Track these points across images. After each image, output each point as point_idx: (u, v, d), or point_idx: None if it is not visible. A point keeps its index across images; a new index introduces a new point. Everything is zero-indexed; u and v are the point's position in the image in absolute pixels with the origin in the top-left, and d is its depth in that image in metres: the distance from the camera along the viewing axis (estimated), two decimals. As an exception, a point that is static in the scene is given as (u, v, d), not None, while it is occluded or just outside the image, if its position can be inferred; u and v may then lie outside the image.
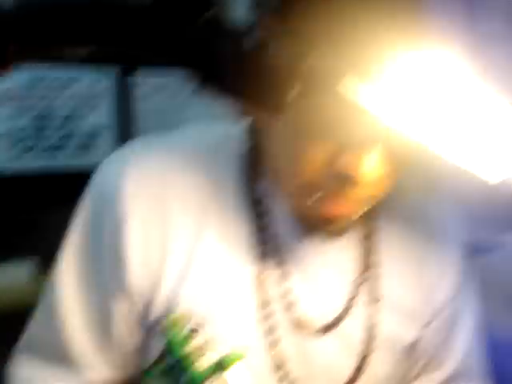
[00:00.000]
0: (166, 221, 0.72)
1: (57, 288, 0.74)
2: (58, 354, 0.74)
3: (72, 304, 0.73)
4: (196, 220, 0.72)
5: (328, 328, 0.74)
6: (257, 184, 0.74)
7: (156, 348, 0.59)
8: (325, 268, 0.75)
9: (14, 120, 2.01)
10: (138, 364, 0.73)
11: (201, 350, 0.54)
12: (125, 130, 2.13)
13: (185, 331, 0.55)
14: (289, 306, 0.74)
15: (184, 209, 0.72)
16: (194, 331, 0.54)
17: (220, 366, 0.52)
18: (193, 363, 0.52)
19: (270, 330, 0.72)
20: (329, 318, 0.74)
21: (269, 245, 0.74)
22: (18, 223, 1.90)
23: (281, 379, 0.72)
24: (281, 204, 0.74)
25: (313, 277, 0.75)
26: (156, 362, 0.55)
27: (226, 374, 0.52)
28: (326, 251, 0.76)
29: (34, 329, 0.77)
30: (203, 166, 0.75)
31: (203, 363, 0.53)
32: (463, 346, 0.83)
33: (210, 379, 0.53)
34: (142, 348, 0.73)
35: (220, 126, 0.80)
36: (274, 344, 0.72)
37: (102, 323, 0.73)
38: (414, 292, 0.79)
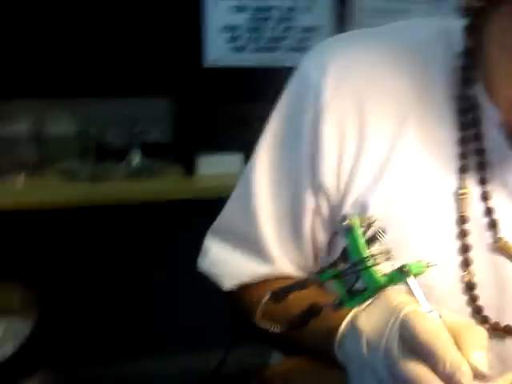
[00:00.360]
0: (365, 119, 0.68)
1: (250, 179, 0.75)
2: (248, 243, 0.76)
3: (264, 197, 0.74)
4: (396, 121, 0.68)
5: None
6: (468, 90, 0.67)
7: (338, 250, 0.58)
8: None
9: (232, 15, 2.05)
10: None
11: (384, 255, 0.51)
12: (340, 30, 2.08)
13: (369, 233, 0.52)
14: (489, 227, 0.68)
15: (384, 107, 0.68)
16: (379, 234, 0.51)
17: (403, 274, 0.49)
18: (373, 266, 0.50)
19: (465, 249, 0.67)
20: None
21: (473, 159, 0.68)
22: (228, 116, 2.00)
23: (468, 303, 0.68)
24: (491, 117, 0.66)
25: None
26: (333, 264, 0.53)
27: (410, 284, 0.49)
28: None
29: (227, 216, 0.80)
30: (412, 64, 0.69)
31: (385, 268, 0.51)
32: None
33: (391, 285, 0.51)
34: (327, 250, 0.73)
35: (437, 20, 0.72)
36: (466, 263, 0.67)
37: (292, 218, 0.73)
38: None
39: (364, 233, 0.53)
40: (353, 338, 0.52)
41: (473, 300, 0.67)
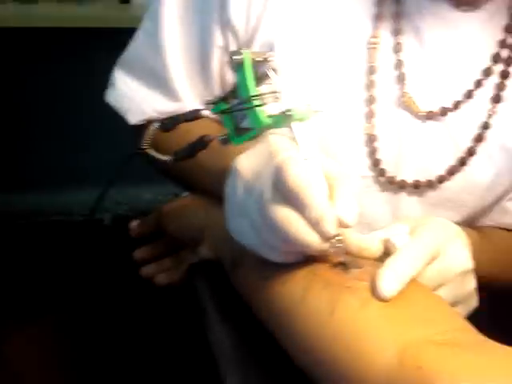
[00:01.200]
0: None
1: (158, 12, 0.71)
2: (156, 78, 0.74)
3: (172, 31, 0.71)
4: None
5: (434, 115, 0.67)
6: None
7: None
8: (451, 46, 0.65)
9: None
10: None
11: (273, 96, 0.49)
12: None
13: (263, 71, 0.50)
14: (396, 80, 0.67)
15: None
16: (269, 73, 0.49)
17: (287, 117, 0.47)
18: (259, 106, 0.49)
19: (370, 100, 0.67)
20: (438, 104, 0.67)
21: (388, 7, 0.65)
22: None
23: (368, 155, 0.68)
24: None
25: (433, 53, 0.66)
26: (224, 98, 0.52)
27: (293, 129, 0.48)
28: (458, 25, 0.65)
29: (135, 49, 0.76)
30: None
31: (271, 110, 0.49)
32: None
33: (276, 128, 0.50)
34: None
35: None
36: (369, 115, 0.67)
37: (200, 53, 0.71)
38: None
39: (256, 71, 0.51)
40: (232, 179, 0.52)
41: (372, 152, 0.68)
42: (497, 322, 0.72)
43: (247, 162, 0.51)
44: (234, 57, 0.49)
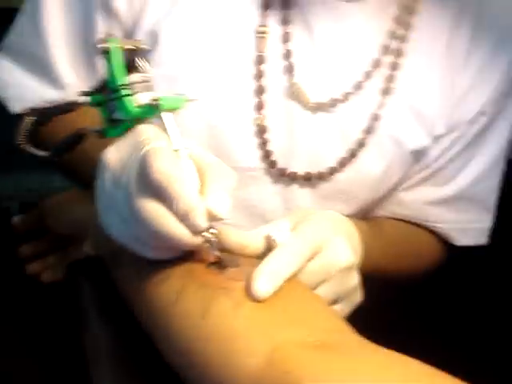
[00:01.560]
0: None
1: None
2: (39, 65, 0.69)
3: (53, 17, 0.67)
4: None
5: (324, 106, 0.66)
6: None
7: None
8: (340, 36, 0.64)
9: None
10: None
11: (143, 85, 0.47)
12: None
13: (137, 63, 0.47)
14: (285, 70, 0.65)
15: None
16: (139, 62, 0.46)
17: (155, 107, 0.45)
18: (128, 96, 0.46)
19: (259, 91, 0.65)
20: (328, 96, 0.66)
21: None
22: None
23: (258, 146, 0.67)
24: None
25: (323, 44, 0.64)
26: (98, 89, 0.48)
27: (164, 118, 0.46)
28: (347, 16, 0.64)
29: (17, 33, 0.71)
30: None
31: (141, 99, 0.46)
32: (479, 170, 0.74)
33: (147, 118, 0.47)
34: None
35: None
36: (259, 106, 0.65)
37: (84, 40, 0.67)
38: (437, 96, 0.67)
39: (132, 59, 0.48)
40: (101, 172, 0.49)
41: (263, 144, 0.66)
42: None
43: (115, 152, 0.48)
44: (100, 45, 0.46)
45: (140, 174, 0.44)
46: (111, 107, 0.48)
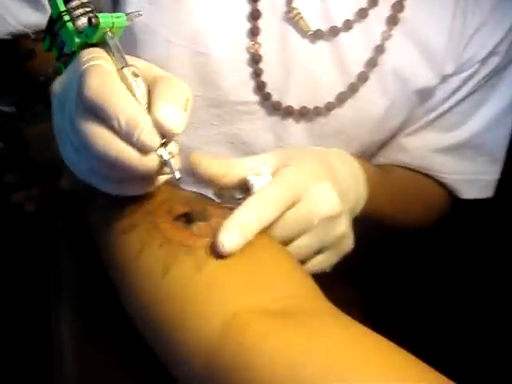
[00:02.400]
0: None
1: None
2: None
3: None
4: None
5: (323, 34, 0.60)
6: None
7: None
8: None
9: None
10: None
11: (84, 9, 0.42)
12: None
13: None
14: None
15: None
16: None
17: (94, 27, 0.40)
18: (69, 22, 0.42)
19: (255, 15, 0.59)
20: (329, 23, 0.60)
21: None
22: None
23: (252, 77, 0.61)
24: None
25: None
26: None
27: (107, 39, 0.41)
28: None
29: None
30: None
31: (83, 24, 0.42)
32: (489, 117, 0.67)
33: (91, 42, 0.42)
34: None
35: None
36: (253, 32, 0.60)
37: None
38: (447, 32, 0.61)
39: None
40: (51, 103, 0.45)
41: (257, 74, 0.61)
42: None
43: (60, 80, 0.43)
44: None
45: (78, 94, 0.39)
46: (59, 43, 0.44)
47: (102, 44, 0.42)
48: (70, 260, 0.55)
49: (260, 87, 0.61)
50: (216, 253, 0.41)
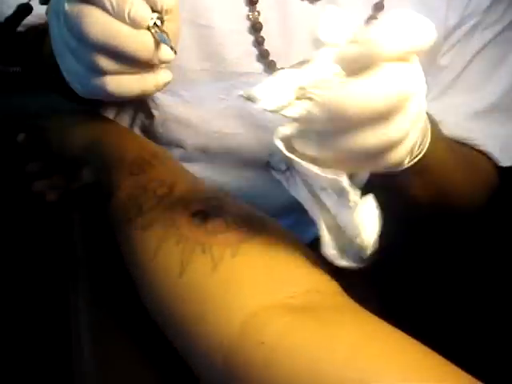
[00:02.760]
0: None
1: None
2: None
3: None
4: None
5: None
6: None
7: None
8: None
9: None
10: None
11: None
12: None
13: None
14: None
15: None
16: None
17: None
18: None
19: None
20: None
21: None
22: None
23: (254, 45, 0.61)
24: None
25: None
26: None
27: None
28: None
29: None
30: None
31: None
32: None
33: None
34: None
35: None
36: (251, 1, 0.59)
37: None
38: None
39: None
40: (49, 20, 0.46)
41: (259, 42, 0.61)
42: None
43: None
44: None
45: None
46: None
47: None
48: (86, 250, 0.56)
49: (263, 55, 0.61)
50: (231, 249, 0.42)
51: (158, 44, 0.44)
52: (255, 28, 0.59)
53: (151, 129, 0.66)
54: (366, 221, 0.39)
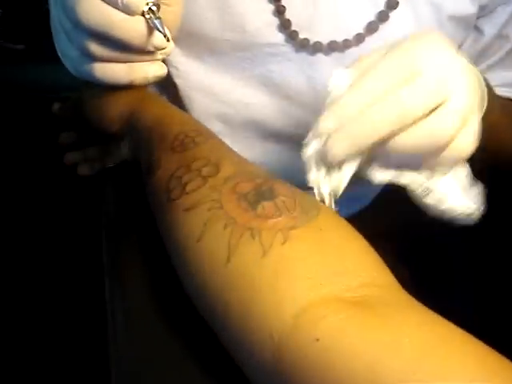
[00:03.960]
0: None
1: None
2: None
3: None
4: None
5: None
6: None
7: None
8: None
9: None
10: None
11: None
12: None
13: None
14: None
15: None
16: None
17: None
18: None
19: None
20: None
21: None
22: None
23: (274, 14, 0.58)
24: None
25: None
26: None
27: None
28: None
29: None
30: None
31: None
32: None
33: None
34: None
35: None
36: None
37: None
38: None
39: None
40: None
41: (280, 12, 0.58)
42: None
43: None
44: None
45: None
46: None
47: None
48: (119, 230, 0.54)
49: (285, 26, 0.59)
50: (283, 234, 0.39)
51: (152, 30, 0.42)
52: None
53: (175, 100, 0.65)
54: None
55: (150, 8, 0.41)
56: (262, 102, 0.63)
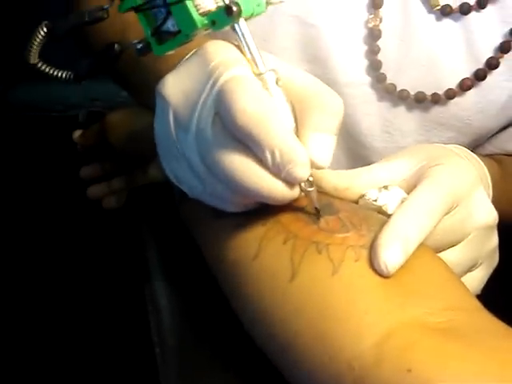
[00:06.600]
0: None
1: None
2: None
3: None
4: None
5: (453, 12, 0.52)
6: None
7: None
8: None
9: None
10: None
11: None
12: None
13: None
14: None
15: None
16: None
17: (230, 14, 0.33)
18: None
19: None
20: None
21: None
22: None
23: (366, 55, 0.54)
24: None
25: None
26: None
27: (239, 30, 0.34)
28: None
29: None
30: None
31: (208, 3, 0.34)
32: None
33: (213, 29, 0.35)
34: None
35: None
36: (374, 4, 0.53)
37: None
38: None
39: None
40: (158, 111, 0.38)
41: (372, 52, 0.54)
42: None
43: (176, 84, 0.36)
44: None
45: (218, 115, 0.33)
46: (158, 14, 0.36)
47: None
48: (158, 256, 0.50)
49: (375, 67, 0.55)
50: (377, 270, 0.34)
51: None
52: (373, 36, 0.53)
53: None
54: None
55: (307, 179, 0.35)
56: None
